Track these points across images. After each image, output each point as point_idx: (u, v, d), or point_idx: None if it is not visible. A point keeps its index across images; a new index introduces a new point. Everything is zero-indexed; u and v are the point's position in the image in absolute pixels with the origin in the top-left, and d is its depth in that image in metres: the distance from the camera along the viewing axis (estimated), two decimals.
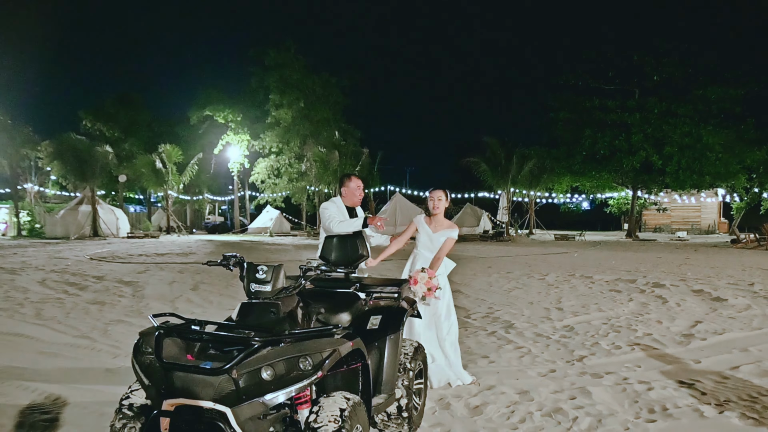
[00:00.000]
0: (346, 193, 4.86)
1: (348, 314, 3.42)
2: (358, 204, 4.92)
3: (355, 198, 4.88)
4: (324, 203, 4.82)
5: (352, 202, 4.87)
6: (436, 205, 4.70)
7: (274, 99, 37.57)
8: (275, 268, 2.81)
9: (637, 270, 13.11)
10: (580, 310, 7.87)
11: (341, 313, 3.39)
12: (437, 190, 4.75)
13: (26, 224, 32.76)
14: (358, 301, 3.57)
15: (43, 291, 9.68)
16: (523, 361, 5.25)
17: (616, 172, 32.55)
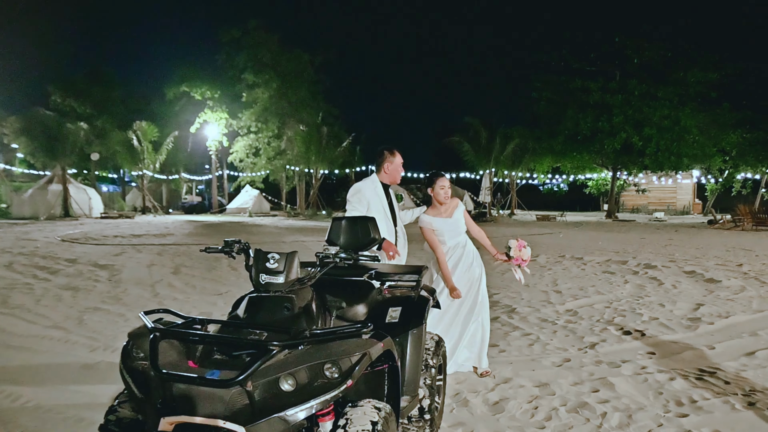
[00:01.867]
0: (390, 170, 4.44)
1: (364, 306, 3.10)
2: (398, 182, 4.55)
3: (397, 175, 4.49)
4: (358, 183, 4.46)
5: (393, 179, 4.48)
6: (446, 194, 4.41)
7: (248, 78, 36.66)
8: (288, 255, 2.44)
9: (625, 251, 13.09)
10: (579, 293, 7.74)
11: (356, 305, 3.07)
12: (441, 177, 4.43)
13: None
14: (373, 291, 3.25)
15: (10, 276, 9.11)
16: (534, 349, 5.06)
17: (597, 153, 32.70)
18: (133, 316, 6.39)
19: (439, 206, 4.45)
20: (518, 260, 4.37)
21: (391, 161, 4.42)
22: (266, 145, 37.77)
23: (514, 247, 4.38)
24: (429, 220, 4.43)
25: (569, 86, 31.64)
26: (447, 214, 4.43)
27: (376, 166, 4.53)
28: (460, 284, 4.33)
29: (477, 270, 4.40)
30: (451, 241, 4.43)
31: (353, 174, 38.22)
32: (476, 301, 4.35)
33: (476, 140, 34.07)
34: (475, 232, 4.56)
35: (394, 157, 4.42)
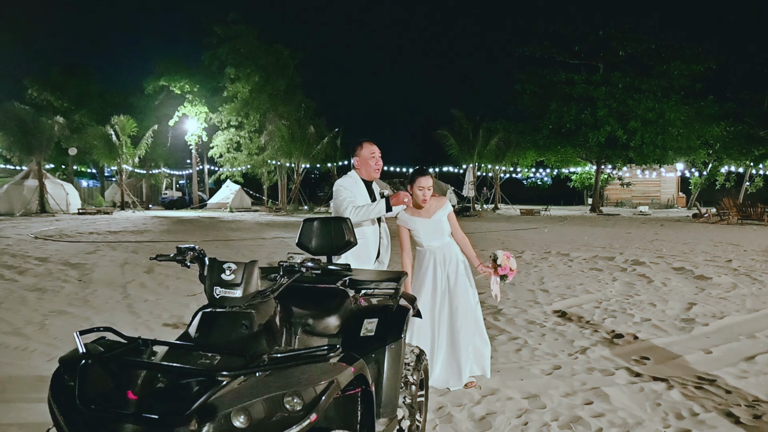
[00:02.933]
0: (359, 164, 4.00)
1: (336, 318, 2.74)
2: (376, 177, 4.04)
3: (370, 169, 3.99)
4: (339, 180, 4.03)
5: (368, 174, 4.00)
6: (425, 195, 4.00)
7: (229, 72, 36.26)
8: (247, 266, 2.10)
9: (611, 246, 12.90)
10: (567, 292, 7.47)
11: (328, 316, 2.71)
12: (424, 176, 4.01)
13: None
14: (347, 300, 2.90)
15: None
16: (522, 355, 4.76)
17: (581, 147, 32.65)
18: (100, 319, 6.03)
19: (417, 205, 4.11)
20: (505, 269, 4.03)
21: (359, 154, 4.00)
22: (247, 140, 37.29)
23: (502, 257, 4.04)
24: (406, 218, 4.09)
25: (553, 79, 31.50)
26: (426, 215, 4.09)
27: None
28: (426, 291, 4.00)
29: (453, 278, 4.01)
30: (427, 243, 4.08)
31: (335, 168, 37.88)
32: (450, 313, 3.98)
33: (461, 134, 33.82)
34: (457, 238, 4.17)
35: (362, 149, 3.99)
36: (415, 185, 4.00)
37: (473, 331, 4.05)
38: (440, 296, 4.00)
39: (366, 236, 3.87)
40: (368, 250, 3.89)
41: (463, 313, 3.98)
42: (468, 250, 4.18)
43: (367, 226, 3.91)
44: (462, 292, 4.01)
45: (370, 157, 3.97)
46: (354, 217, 3.71)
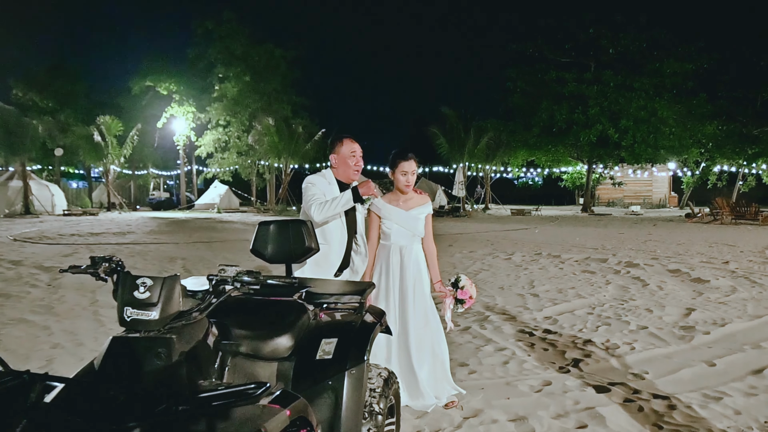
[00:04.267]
0: (336, 162, 3.47)
1: (289, 337, 2.30)
2: (355, 178, 3.47)
3: (348, 169, 3.45)
4: (309, 177, 3.52)
5: (346, 175, 3.47)
6: (408, 181, 3.62)
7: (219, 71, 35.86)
8: (166, 281, 1.72)
9: (604, 247, 12.56)
10: (558, 296, 7.08)
11: (278, 336, 2.27)
12: (407, 160, 3.61)
13: None
14: (304, 315, 2.47)
15: None
16: (509, 369, 4.35)
17: (573, 146, 32.39)
18: (60, 327, 5.64)
19: (399, 194, 3.68)
20: (465, 294, 3.61)
21: (338, 151, 3.47)
22: (236, 140, 36.83)
23: (465, 281, 3.63)
24: (380, 204, 3.64)
25: (544, 77, 31.20)
26: (405, 206, 3.67)
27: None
28: (381, 291, 3.62)
29: (411, 285, 3.60)
30: (396, 239, 3.65)
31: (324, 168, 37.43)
32: (406, 322, 3.56)
33: (451, 132, 33.46)
34: (426, 246, 3.75)
35: (342, 146, 3.47)
36: (396, 170, 3.59)
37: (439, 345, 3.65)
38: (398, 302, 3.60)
39: (328, 240, 3.42)
40: (329, 257, 3.44)
41: (422, 322, 3.59)
42: (432, 261, 3.77)
43: (331, 229, 3.45)
44: (421, 301, 3.62)
45: (350, 155, 3.45)
46: (319, 214, 3.26)
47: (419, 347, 3.54)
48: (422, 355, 3.54)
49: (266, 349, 2.24)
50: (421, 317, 3.59)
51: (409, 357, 3.53)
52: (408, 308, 3.57)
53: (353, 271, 3.64)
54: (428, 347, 3.60)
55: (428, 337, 3.61)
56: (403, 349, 3.55)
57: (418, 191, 3.79)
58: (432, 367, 3.60)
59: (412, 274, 3.61)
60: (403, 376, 3.53)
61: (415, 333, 3.54)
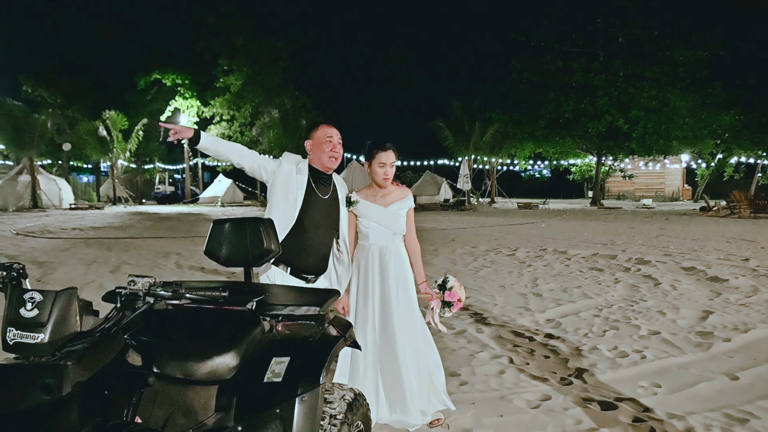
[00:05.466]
0: (311, 148, 3.07)
1: (233, 355, 1.87)
2: (331, 165, 3.07)
3: (323, 155, 3.02)
4: (285, 153, 3.16)
5: (321, 162, 3.04)
6: (387, 174, 3.16)
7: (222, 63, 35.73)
8: (59, 295, 1.38)
9: (613, 243, 12.03)
10: (563, 296, 6.60)
11: (218, 355, 1.84)
12: (385, 151, 3.16)
13: None
14: (255, 329, 2.03)
15: None
16: (505, 379, 3.89)
17: (581, 138, 31.70)
18: None
19: (376, 188, 3.23)
20: (454, 296, 3.16)
21: (313, 136, 3.06)
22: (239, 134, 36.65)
23: (454, 282, 3.18)
24: (357, 200, 3.24)
25: (550, 67, 30.48)
26: (383, 202, 3.22)
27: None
28: (360, 297, 3.21)
29: (394, 286, 3.17)
30: (374, 238, 3.22)
31: None
32: (388, 330, 3.13)
33: (456, 125, 32.88)
34: (409, 243, 3.32)
35: (317, 131, 3.05)
36: (373, 161, 3.16)
37: (425, 354, 3.21)
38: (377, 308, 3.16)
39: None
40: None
41: (408, 329, 3.15)
42: (416, 261, 3.33)
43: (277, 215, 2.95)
44: (406, 305, 3.18)
45: (326, 140, 3.01)
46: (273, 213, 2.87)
47: (404, 357, 3.11)
48: (408, 365, 3.11)
49: (202, 370, 1.80)
50: (406, 324, 3.17)
51: (392, 369, 3.12)
52: (392, 314, 3.15)
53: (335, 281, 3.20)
54: (414, 357, 3.17)
55: (414, 346, 3.18)
56: (385, 360, 3.14)
57: (396, 184, 3.34)
58: (418, 379, 3.17)
59: (394, 277, 3.19)
60: (386, 390, 3.13)
61: (400, 341, 3.12)
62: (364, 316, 3.18)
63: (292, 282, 3.01)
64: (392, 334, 3.11)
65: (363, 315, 3.18)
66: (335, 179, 3.20)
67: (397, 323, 3.11)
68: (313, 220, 3.02)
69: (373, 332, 3.15)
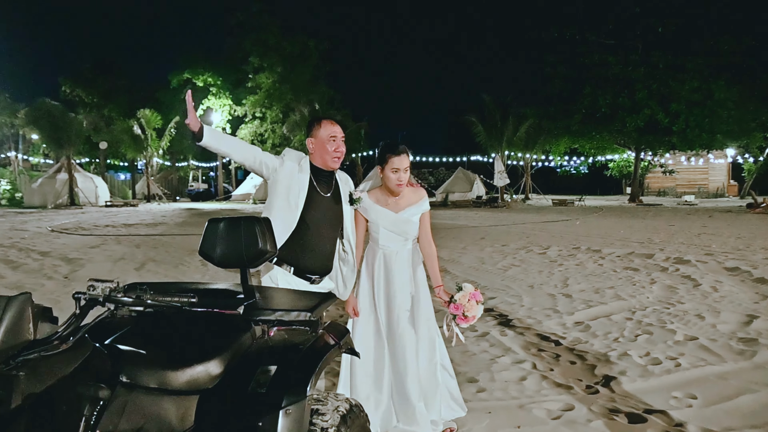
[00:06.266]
0: (314, 147, 2.93)
1: (217, 363, 1.73)
2: (334, 166, 2.93)
3: (326, 155, 2.89)
4: (286, 149, 3.04)
5: (323, 161, 2.91)
6: (400, 179, 2.93)
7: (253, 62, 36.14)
8: (11, 302, 1.29)
9: (651, 241, 11.53)
10: (594, 297, 6.28)
11: (198, 363, 1.69)
12: (398, 155, 2.92)
13: (5, 193, 31.63)
14: (243, 335, 1.89)
15: None
16: (526, 387, 3.66)
17: (618, 132, 30.72)
18: None
19: (390, 194, 3.03)
20: (458, 309, 2.90)
21: (315, 134, 2.91)
22: (271, 132, 36.95)
23: (466, 293, 2.91)
24: (366, 205, 3.03)
25: (585, 61, 29.58)
26: (395, 207, 3.02)
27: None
28: (367, 301, 3.03)
29: (398, 289, 2.98)
30: (384, 243, 3.03)
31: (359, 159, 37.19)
32: (395, 336, 2.95)
33: (489, 120, 32.33)
34: (423, 246, 3.11)
35: (319, 129, 2.90)
36: (386, 166, 2.93)
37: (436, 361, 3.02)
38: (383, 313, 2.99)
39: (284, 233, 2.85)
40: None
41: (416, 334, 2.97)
42: (431, 264, 3.12)
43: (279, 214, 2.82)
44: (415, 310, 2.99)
45: (329, 139, 2.87)
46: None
47: (412, 364, 2.93)
48: (414, 373, 2.93)
49: (180, 379, 1.66)
50: (413, 329, 2.98)
51: (399, 376, 2.93)
52: (399, 319, 2.96)
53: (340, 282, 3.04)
54: (423, 364, 2.97)
55: (424, 352, 2.98)
56: (393, 366, 2.95)
57: (411, 184, 3.13)
58: (427, 387, 2.98)
59: (400, 281, 3.00)
60: (393, 398, 2.96)
61: (408, 347, 2.94)
62: (372, 320, 3.01)
63: (296, 283, 2.86)
64: (399, 339, 2.93)
65: (370, 319, 3.01)
66: (338, 176, 3.04)
67: (403, 328, 2.93)
68: (314, 218, 2.88)
69: (381, 337, 2.98)
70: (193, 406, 1.70)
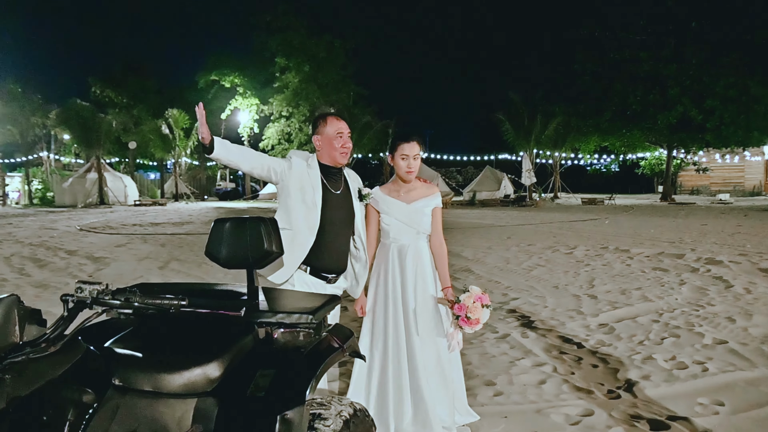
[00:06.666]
0: (320, 145, 2.90)
1: (217, 365, 1.70)
2: (342, 161, 2.91)
3: (333, 152, 2.87)
4: (293, 151, 3.04)
5: (331, 158, 2.89)
6: (410, 166, 2.93)
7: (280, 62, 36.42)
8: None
9: (682, 241, 11.21)
10: (620, 299, 6.13)
11: (197, 365, 1.67)
12: (408, 142, 2.93)
13: (38, 192, 32.35)
14: (245, 337, 1.86)
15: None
16: (545, 391, 3.57)
17: (650, 130, 29.98)
18: None
19: (400, 183, 3.01)
20: (462, 309, 2.80)
21: (321, 131, 2.89)
22: (298, 131, 37.19)
23: (472, 294, 2.81)
24: (378, 196, 3.01)
25: (616, 56, 28.91)
26: (406, 198, 2.99)
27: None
28: (379, 301, 2.98)
29: (410, 288, 2.92)
30: (395, 236, 2.99)
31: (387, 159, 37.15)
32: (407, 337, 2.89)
33: (517, 118, 31.92)
34: (434, 244, 3.05)
35: (325, 126, 2.88)
36: (396, 153, 2.93)
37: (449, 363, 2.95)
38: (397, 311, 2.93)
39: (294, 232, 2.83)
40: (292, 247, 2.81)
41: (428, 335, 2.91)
42: (441, 264, 3.05)
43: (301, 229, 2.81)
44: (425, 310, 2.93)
45: (336, 135, 2.85)
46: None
47: (423, 366, 2.87)
48: (427, 375, 2.87)
49: (177, 382, 1.64)
50: (426, 330, 2.92)
51: (412, 378, 2.88)
52: (410, 320, 2.91)
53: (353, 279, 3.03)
54: (436, 367, 2.92)
55: (436, 354, 2.93)
56: (406, 370, 2.90)
57: (422, 180, 3.10)
58: (440, 390, 2.92)
59: (412, 278, 2.95)
60: (408, 402, 2.90)
61: (419, 348, 2.88)
62: (384, 320, 2.96)
63: (313, 283, 2.85)
64: (411, 340, 2.88)
65: (382, 319, 2.97)
66: (346, 172, 3.02)
67: (414, 331, 2.88)
68: (329, 217, 2.87)
69: (395, 337, 2.93)
70: (191, 410, 1.67)
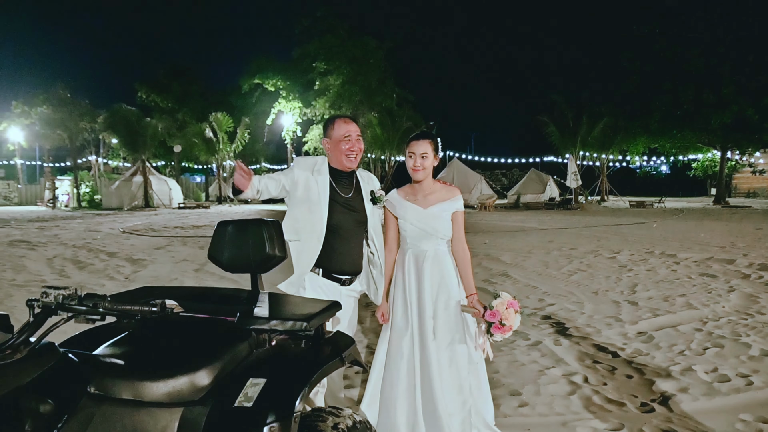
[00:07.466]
0: (329, 148, 2.89)
1: (205, 373, 1.65)
2: (350, 165, 2.87)
3: (341, 155, 2.84)
4: (298, 158, 3.02)
5: (339, 161, 2.86)
6: (417, 163, 2.83)
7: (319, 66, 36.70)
8: None
9: (734, 246, 10.67)
10: (662, 305, 5.86)
11: (185, 373, 1.62)
12: (421, 140, 2.85)
13: (86, 195, 33.50)
14: (239, 344, 1.82)
15: (39, 270, 8.80)
16: (573, 402, 3.43)
17: (702, 130, 28.77)
18: None
19: (417, 186, 2.92)
20: (495, 316, 2.71)
21: (330, 135, 2.87)
22: None
23: (504, 301, 2.73)
24: (394, 201, 2.94)
25: (667, 55, 27.88)
26: (423, 202, 2.91)
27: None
28: (397, 309, 2.90)
29: (428, 296, 2.83)
30: (413, 242, 2.91)
31: None
32: (425, 347, 2.80)
33: (562, 120, 31.21)
34: (456, 249, 2.94)
35: (333, 129, 2.86)
36: (408, 150, 2.88)
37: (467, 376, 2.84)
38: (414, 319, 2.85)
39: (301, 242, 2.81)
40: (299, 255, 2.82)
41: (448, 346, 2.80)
42: (465, 271, 2.92)
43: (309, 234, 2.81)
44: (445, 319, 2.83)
45: (344, 139, 2.82)
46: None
47: (440, 377, 2.76)
48: (444, 387, 2.76)
49: (160, 390, 1.57)
50: (445, 341, 2.81)
51: (428, 390, 2.76)
52: (426, 330, 2.81)
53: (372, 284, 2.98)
54: (455, 379, 2.81)
55: (455, 365, 2.82)
56: (423, 378, 2.81)
57: (443, 182, 3.01)
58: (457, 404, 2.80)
59: (430, 286, 2.85)
60: (424, 414, 2.80)
61: (437, 361, 2.77)
62: (403, 329, 2.89)
63: (326, 285, 2.83)
64: (428, 350, 2.79)
65: (401, 327, 2.89)
66: (359, 174, 2.98)
67: (433, 338, 2.79)
68: (338, 220, 2.84)
69: (411, 346, 2.85)
70: (176, 420, 1.61)
